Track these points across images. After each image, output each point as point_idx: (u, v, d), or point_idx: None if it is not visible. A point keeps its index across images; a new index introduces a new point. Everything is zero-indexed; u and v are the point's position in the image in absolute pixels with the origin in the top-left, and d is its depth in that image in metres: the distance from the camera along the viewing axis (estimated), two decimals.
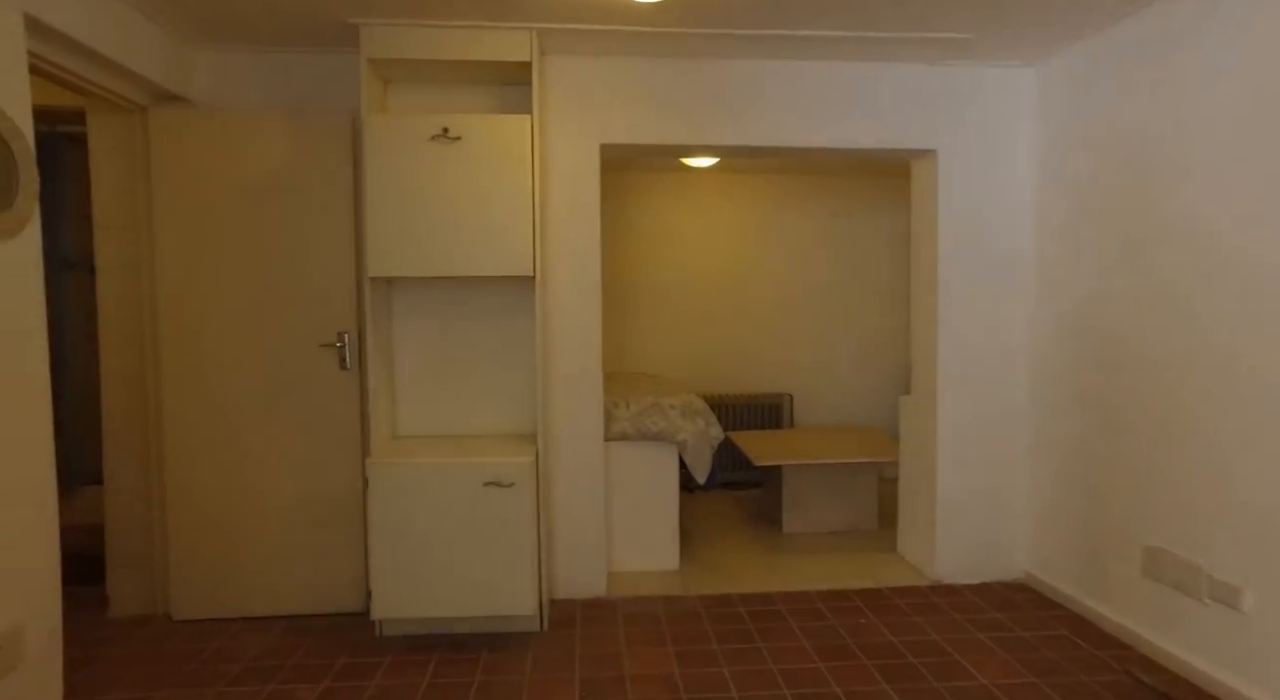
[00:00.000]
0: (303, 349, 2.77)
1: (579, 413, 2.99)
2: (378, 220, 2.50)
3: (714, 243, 4.95)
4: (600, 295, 2.99)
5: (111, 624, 2.77)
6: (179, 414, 2.75)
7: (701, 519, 4.08)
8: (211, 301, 2.74)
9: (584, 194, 2.94)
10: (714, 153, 3.17)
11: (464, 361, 2.91)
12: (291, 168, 2.73)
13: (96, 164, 2.74)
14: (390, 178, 2.50)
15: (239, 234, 2.73)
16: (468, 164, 2.51)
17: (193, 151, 2.70)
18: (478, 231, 2.53)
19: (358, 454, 2.79)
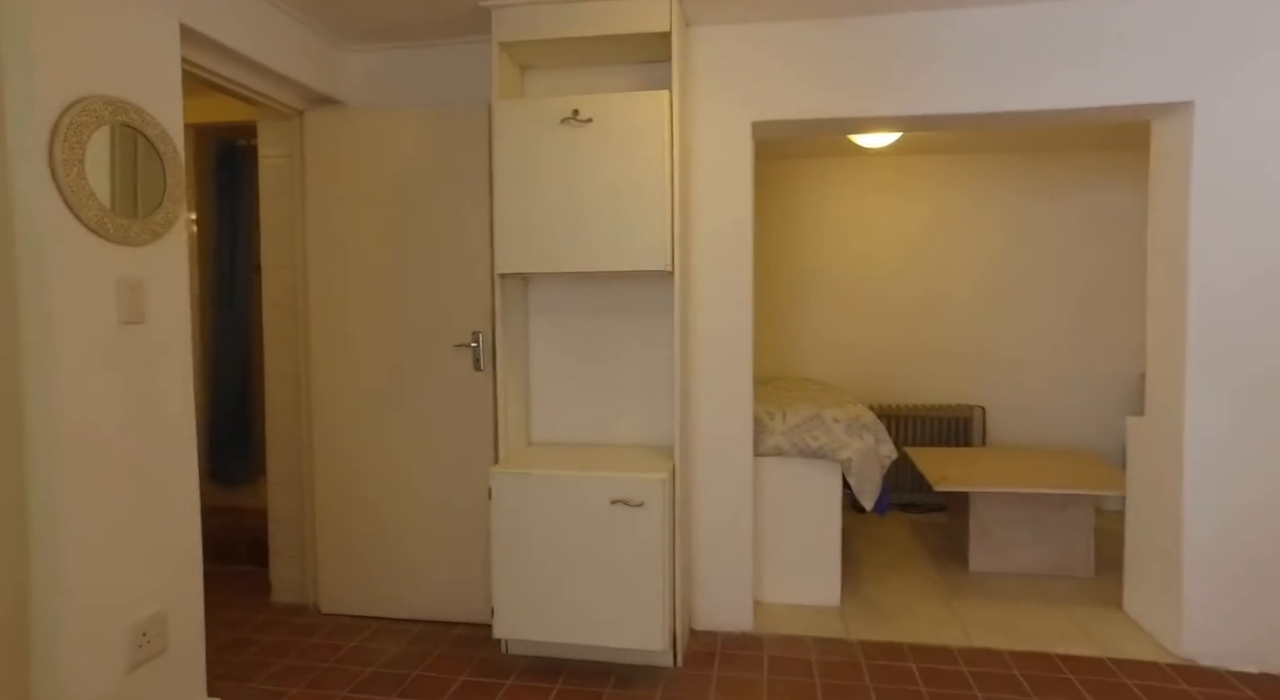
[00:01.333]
0: (439, 349, 2.71)
1: (725, 423, 2.68)
2: (505, 212, 2.36)
3: (890, 234, 4.39)
4: (751, 292, 2.66)
5: (272, 609, 2.89)
6: (326, 412, 2.80)
7: (871, 547, 3.60)
8: (354, 300, 2.76)
9: (733, 178, 2.62)
10: (885, 126, 2.71)
11: (603, 364, 2.70)
12: (430, 163, 2.67)
13: (263, 170, 2.87)
14: (518, 166, 2.34)
15: (380, 232, 2.73)
16: (599, 148, 2.29)
17: (339, 152, 2.74)
18: (608, 222, 2.30)
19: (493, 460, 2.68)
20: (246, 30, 2.32)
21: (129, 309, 1.84)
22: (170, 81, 1.97)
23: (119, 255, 1.82)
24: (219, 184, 3.64)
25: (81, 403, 1.73)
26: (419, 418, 2.74)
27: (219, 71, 2.33)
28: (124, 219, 1.82)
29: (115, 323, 1.81)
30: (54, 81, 1.68)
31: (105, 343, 1.79)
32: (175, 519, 1.99)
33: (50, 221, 1.67)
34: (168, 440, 1.97)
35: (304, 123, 2.76)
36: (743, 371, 2.66)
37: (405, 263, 2.72)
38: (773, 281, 4.48)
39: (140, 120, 1.86)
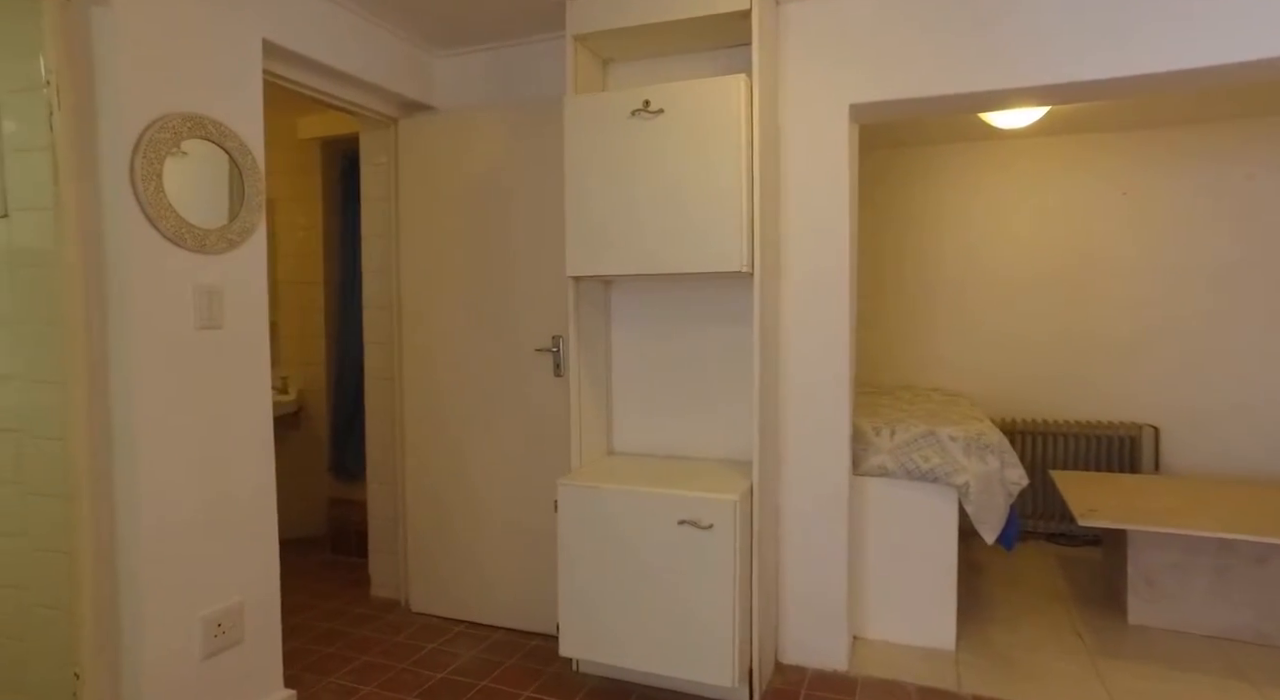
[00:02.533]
0: (521, 353, 2.67)
1: (818, 438, 2.42)
2: (575, 212, 2.26)
3: (1034, 227, 3.85)
4: (849, 294, 2.39)
5: (369, 604, 2.99)
6: (415, 413, 2.85)
7: (1003, 584, 3.16)
8: (442, 303, 2.78)
9: (827, 168, 2.36)
10: (1026, 100, 2.32)
11: (688, 372, 2.53)
12: (512, 163, 2.64)
13: (365, 178, 2.97)
14: (587, 163, 2.23)
15: (465, 235, 2.73)
16: (670, 141, 2.13)
17: (429, 157, 2.77)
18: (678, 220, 2.13)
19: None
20: (332, 43, 2.39)
21: (206, 315, 1.92)
22: (251, 96, 2.05)
23: (196, 263, 1.91)
24: (343, 193, 3.85)
25: (159, 404, 1.83)
26: (500, 422, 2.72)
27: (310, 84, 2.42)
28: (201, 229, 1.90)
29: (193, 328, 1.90)
30: (139, 102, 1.77)
31: (183, 347, 1.88)
32: (252, 514, 2.07)
33: (131, 232, 1.77)
34: (245, 440, 2.04)
35: (398, 130, 2.82)
36: (838, 382, 2.39)
37: (489, 265, 2.70)
38: (901, 282, 4.08)
39: (219, 133, 1.94)
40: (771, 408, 2.35)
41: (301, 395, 3.82)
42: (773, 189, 2.32)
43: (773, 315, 2.36)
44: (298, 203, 3.83)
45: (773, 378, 2.37)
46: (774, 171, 2.35)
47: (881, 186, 4.09)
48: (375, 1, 2.43)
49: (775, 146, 2.36)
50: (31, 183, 1.80)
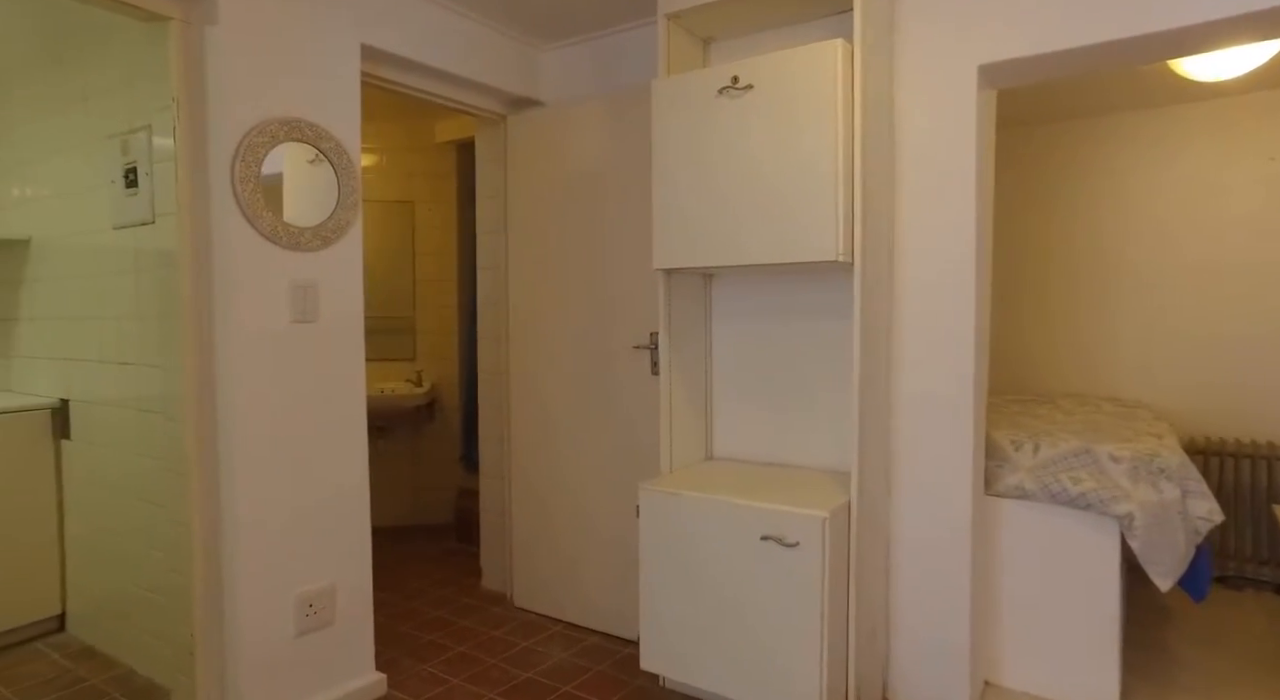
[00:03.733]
0: (618, 351, 2.59)
1: (937, 449, 2.11)
2: (661, 201, 2.13)
3: (1250, 203, 3.16)
4: (977, 287, 2.05)
5: (477, 594, 3.05)
6: (520, 410, 2.86)
7: (1199, 638, 2.60)
8: (546, 298, 2.76)
9: (950, 141, 2.04)
10: (1229, 35, 1.85)
11: (794, 373, 2.31)
12: (608, 155, 2.56)
13: (479, 175, 3.03)
14: (673, 148, 2.09)
15: (567, 228, 2.70)
16: (758, 119, 1.94)
17: (533, 152, 2.76)
18: (766, 206, 1.93)
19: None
20: (433, 43, 2.43)
21: (300, 309, 2.02)
22: (348, 99, 2.13)
23: (292, 259, 2.00)
24: (471, 193, 3.97)
25: (256, 392, 1.94)
26: (597, 421, 2.65)
27: (413, 85, 2.48)
28: (296, 227, 1.99)
29: (288, 321, 2.00)
30: (240, 110, 1.89)
31: (279, 338, 1.98)
32: (345, 501, 2.15)
33: (232, 231, 1.88)
34: (338, 427, 2.13)
35: (507, 126, 2.84)
36: (962, 386, 2.07)
37: (588, 259, 2.65)
38: (1070, 273, 3.53)
39: (315, 135, 2.02)
40: (878, 414, 2.08)
41: (435, 388, 4.01)
42: (884, 168, 2.05)
43: (883, 310, 2.09)
44: (435, 204, 4.02)
45: (880, 380, 2.09)
46: (886, 148, 2.07)
47: (1044, 165, 3.56)
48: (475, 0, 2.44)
49: (888, 119, 2.08)
50: (169, 191, 1.97)
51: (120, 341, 2.36)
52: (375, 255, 4.01)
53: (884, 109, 2.04)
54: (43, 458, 2.68)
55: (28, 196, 2.82)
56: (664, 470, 2.27)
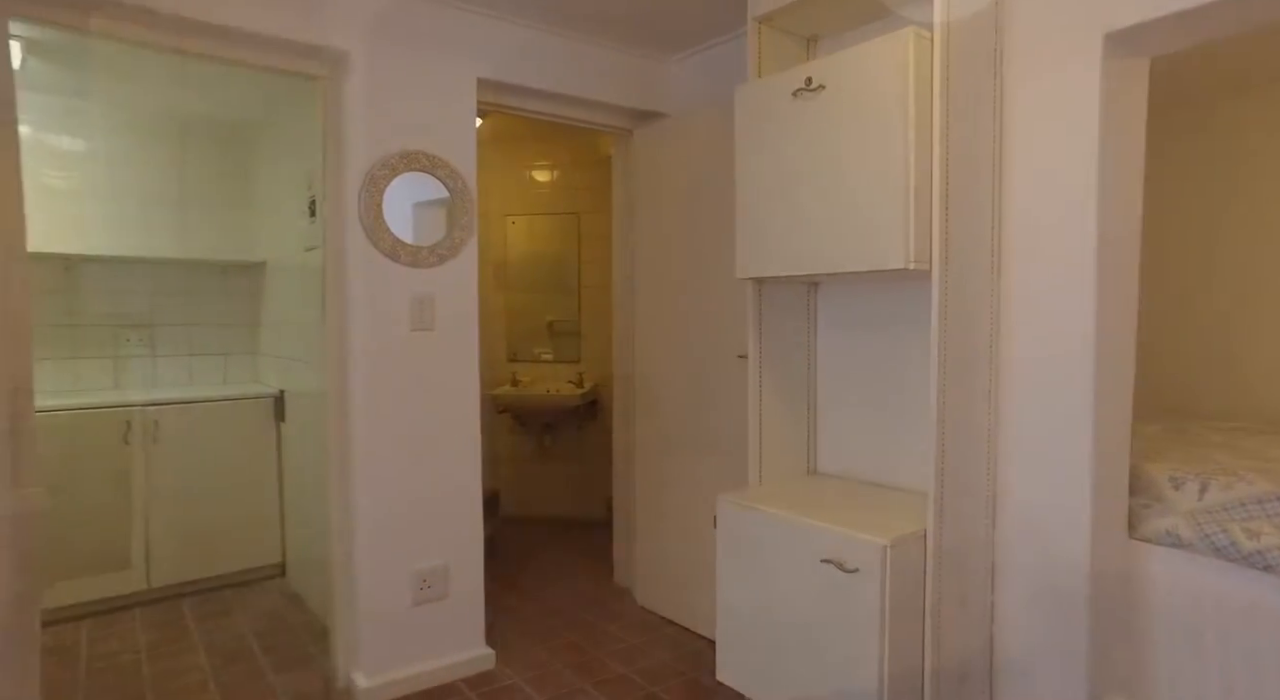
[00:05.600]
0: (724, 359, 2.57)
1: (1050, 477, 1.83)
2: (743, 208, 2.08)
3: None
4: (1095, 288, 1.74)
5: (609, 588, 3.20)
6: (643, 414, 2.95)
7: None
8: (661, 307, 2.83)
9: (1067, 126, 1.75)
10: None
11: (891, 385, 2.15)
12: (719, 162, 2.54)
13: (614, 189, 3.17)
14: (753, 153, 2.04)
15: (678, 239, 2.74)
16: (830, 120, 1.82)
17: (651, 164, 2.84)
18: (838, 211, 1.82)
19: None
20: (547, 69, 2.59)
21: (418, 319, 2.29)
22: (463, 129, 2.37)
23: (411, 276, 2.28)
24: None
25: (376, 394, 2.24)
26: (705, 428, 2.66)
27: (535, 109, 2.66)
28: (414, 246, 2.27)
29: (407, 330, 2.28)
30: (366, 147, 2.20)
31: (399, 345, 2.27)
32: (457, 490, 2.40)
33: (358, 251, 2.21)
34: (454, 427, 2.38)
35: (632, 140, 2.95)
36: (1083, 403, 1.76)
37: (699, 267, 2.66)
38: (1252, 272, 2.80)
39: (431, 164, 2.29)
40: (974, 435, 1.85)
41: (595, 389, 4.24)
42: (980, 165, 1.83)
43: (983, 320, 1.86)
44: (598, 214, 4.25)
45: (979, 398, 1.87)
46: (986, 142, 1.84)
47: (1217, 149, 2.86)
48: (585, 20, 2.55)
49: (990, 110, 1.85)
50: None
51: (306, 344, 2.85)
52: (548, 263, 4.37)
53: (981, 98, 1.82)
54: (267, 436, 3.31)
55: (266, 226, 3.50)
56: (751, 482, 2.23)
